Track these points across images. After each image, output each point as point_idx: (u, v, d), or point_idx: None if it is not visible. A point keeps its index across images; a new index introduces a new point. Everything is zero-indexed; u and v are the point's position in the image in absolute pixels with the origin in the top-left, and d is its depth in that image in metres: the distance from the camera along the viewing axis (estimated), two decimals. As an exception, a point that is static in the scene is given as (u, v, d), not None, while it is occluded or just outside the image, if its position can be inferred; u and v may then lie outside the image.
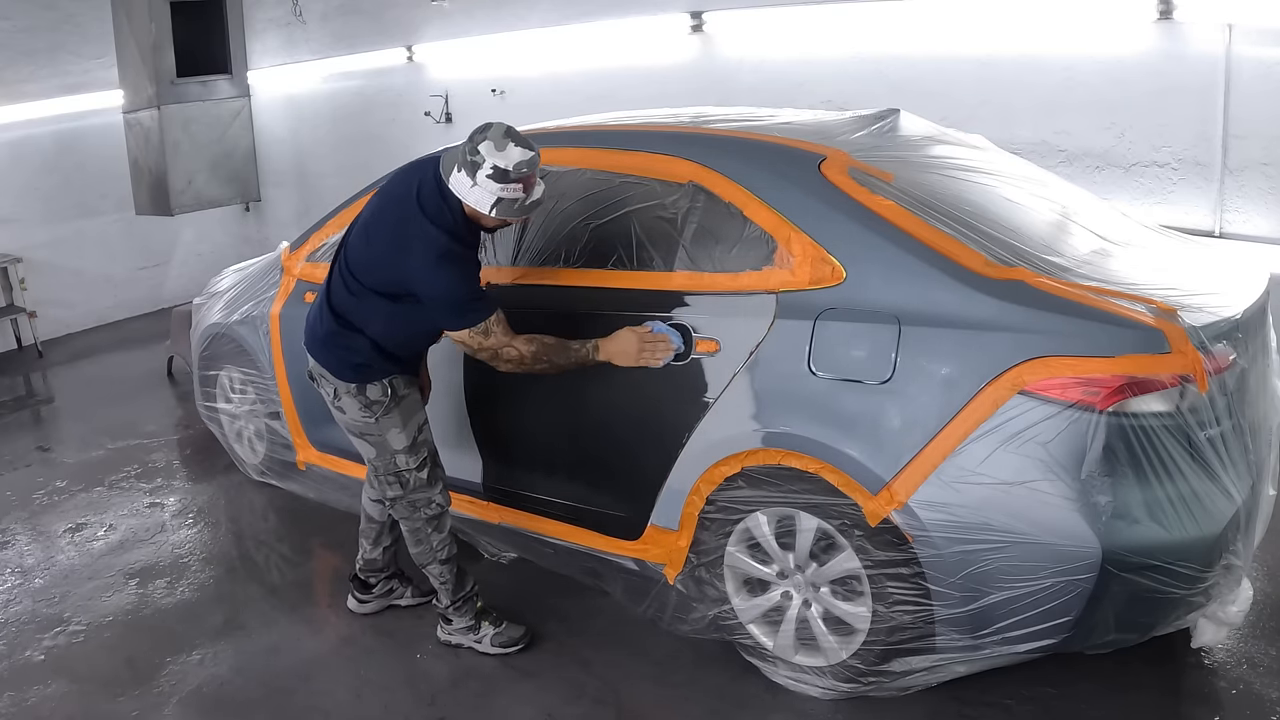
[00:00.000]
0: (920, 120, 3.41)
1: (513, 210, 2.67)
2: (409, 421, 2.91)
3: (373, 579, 3.37)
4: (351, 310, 2.83)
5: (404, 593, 3.39)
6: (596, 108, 4.49)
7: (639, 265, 3.00)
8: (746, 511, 2.79)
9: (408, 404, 2.91)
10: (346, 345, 2.84)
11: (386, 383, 2.86)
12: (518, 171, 2.61)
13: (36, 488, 4.67)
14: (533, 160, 2.64)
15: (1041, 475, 2.35)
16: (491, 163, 2.59)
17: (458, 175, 2.64)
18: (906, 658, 2.62)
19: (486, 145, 2.60)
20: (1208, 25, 3.88)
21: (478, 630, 3.10)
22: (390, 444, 2.90)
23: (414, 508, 2.99)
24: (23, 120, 6.99)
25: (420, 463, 2.94)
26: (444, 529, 3.04)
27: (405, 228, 2.68)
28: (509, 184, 2.61)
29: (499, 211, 2.65)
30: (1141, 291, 2.48)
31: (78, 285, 7.38)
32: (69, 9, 7.04)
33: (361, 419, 2.89)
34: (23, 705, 3.03)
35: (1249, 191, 3.95)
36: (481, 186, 2.61)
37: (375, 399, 2.85)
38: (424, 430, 2.97)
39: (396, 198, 2.76)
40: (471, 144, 2.63)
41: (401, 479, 2.94)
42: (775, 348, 2.69)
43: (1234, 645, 2.89)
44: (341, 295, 2.85)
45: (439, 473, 3.02)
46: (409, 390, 2.93)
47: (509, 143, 2.61)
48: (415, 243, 2.66)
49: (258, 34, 7.63)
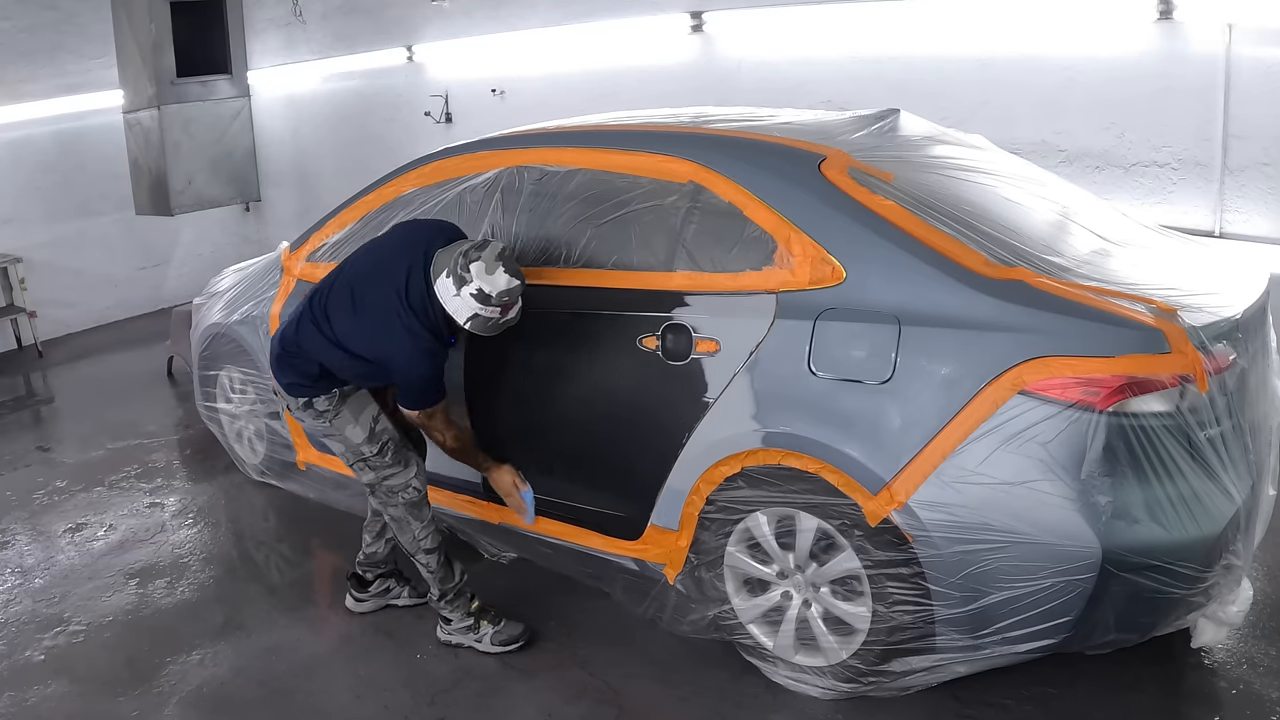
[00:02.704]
0: (920, 120, 3.41)
1: (485, 328, 2.86)
2: (360, 415, 3.05)
3: (370, 574, 3.39)
4: (316, 349, 3.00)
5: (400, 592, 3.41)
6: (597, 108, 4.49)
7: (639, 265, 3.00)
8: (746, 511, 2.79)
9: (354, 401, 3.06)
10: (299, 369, 3.04)
11: (334, 391, 3.04)
12: (499, 299, 2.79)
13: (36, 488, 4.67)
14: (516, 290, 2.81)
15: (1041, 475, 2.35)
16: (478, 284, 2.76)
17: (444, 281, 2.80)
18: (906, 658, 2.62)
19: (478, 266, 2.76)
20: (1208, 25, 3.88)
21: (477, 630, 3.13)
22: (351, 439, 3.06)
23: (391, 492, 3.08)
24: (23, 120, 6.99)
25: (381, 448, 3.06)
26: (423, 517, 3.11)
27: (392, 317, 2.88)
28: (489, 306, 2.79)
29: (473, 326, 2.84)
30: (1141, 291, 2.48)
31: (78, 285, 7.38)
32: (69, 9, 7.04)
33: (320, 427, 3.10)
34: (23, 705, 3.03)
35: (1249, 191, 3.95)
36: (463, 299, 2.79)
37: (323, 409, 3.05)
38: (380, 420, 3.08)
39: (384, 282, 2.91)
40: (465, 260, 2.78)
41: (369, 464, 3.07)
42: (775, 348, 2.69)
43: (1234, 645, 2.89)
44: (312, 336, 3.01)
45: (410, 456, 3.12)
46: (355, 389, 3.08)
47: (499, 267, 2.77)
48: (400, 333, 2.87)
49: (258, 34, 7.63)
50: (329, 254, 3.88)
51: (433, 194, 3.59)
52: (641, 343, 2.92)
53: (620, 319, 2.98)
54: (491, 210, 3.39)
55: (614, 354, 2.99)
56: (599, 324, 3.04)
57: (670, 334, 2.87)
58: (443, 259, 2.84)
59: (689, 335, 2.84)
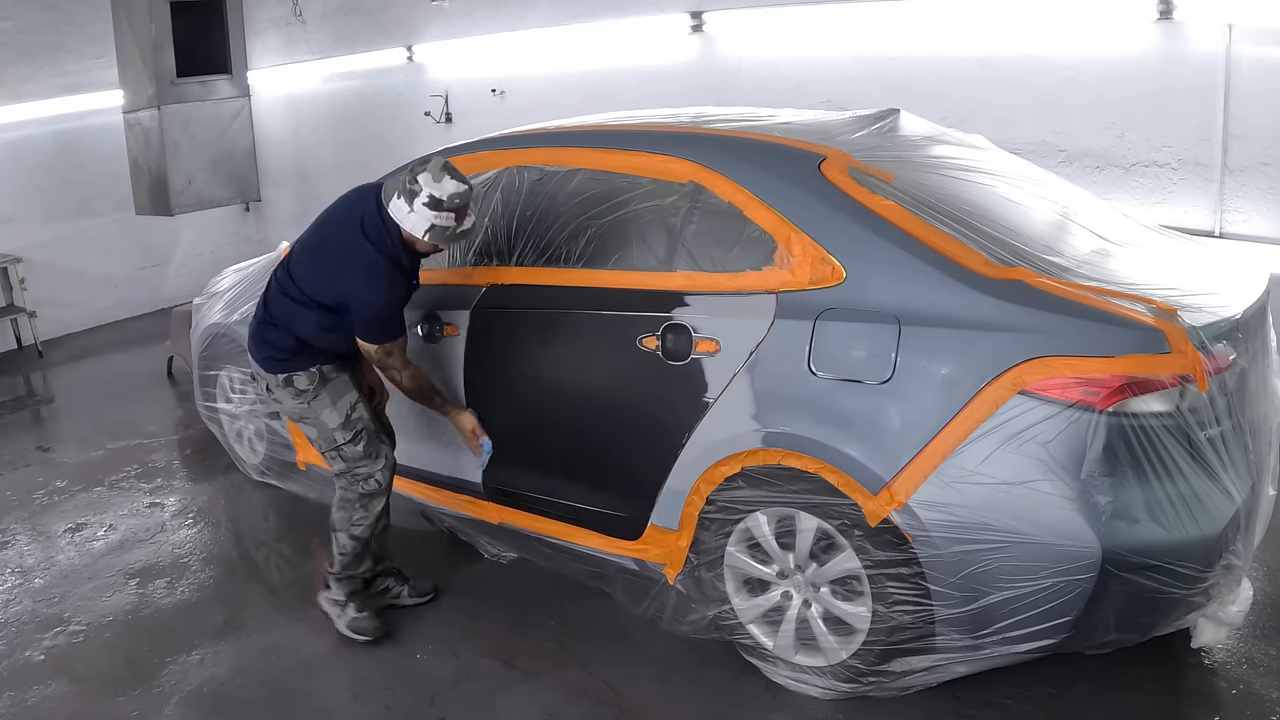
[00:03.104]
0: (920, 120, 3.41)
1: (444, 237, 2.93)
2: (339, 400, 3.12)
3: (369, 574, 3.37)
4: (285, 314, 3.09)
5: (400, 591, 3.42)
6: (597, 108, 4.49)
7: (639, 265, 3.00)
8: (746, 511, 2.79)
9: (335, 385, 3.12)
10: (273, 342, 3.11)
11: (315, 370, 3.10)
12: (450, 202, 2.87)
13: (36, 488, 4.67)
14: (466, 193, 2.91)
15: (1041, 475, 2.35)
16: (428, 192, 2.85)
17: (397, 201, 2.90)
18: (906, 658, 2.62)
19: (425, 176, 2.87)
20: (1208, 25, 3.88)
21: (344, 608, 3.25)
22: (326, 423, 3.12)
23: (355, 480, 3.17)
24: (23, 120, 6.99)
25: (354, 436, 3.13)
26: (372, 510, 3.19)
27: (350, 249, 2.97)
28: (442, 212, 2.87)
29: (431, 237, 2.91)
30: (1141, 291, 2.48)
31: (78, 285, 7.38)
32: (69, 9, 7.04)
33: (297, 406, 3.14)
34: (23, 705, 3.03)
35: (1249, 191, 3.95)
36: (417, 213, 2.87)
37: (303, 387, 3.10)
38: (357, 408, 3.15)
39: (341, 223, 3.05)
40: (411, 174, 2.89)
41: (341, 453, 3.14)
42: (775, 348, 2.69)
43: (1234, 645, 2.89)
44: (279, 302, 3.11)
45: (382, 449, 3.19)
46: (336, 374, 3.14)
47: (445, 175, 2.88)
48: (358, 261, 2.95)
49: (258, 34, 7.63)
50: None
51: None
52: (641, 343, 2.92)
53: (620, 319, 2.98)
54: (491, 210, 3.39)
55: (614, 354, 2.99)
56: (599, 324, 3.03)
57: (670, 334, 2.87)
58: (391, 185, 2.96)
59: (689, 335, 2.84)
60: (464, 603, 3.43)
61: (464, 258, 3.44)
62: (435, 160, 2.92)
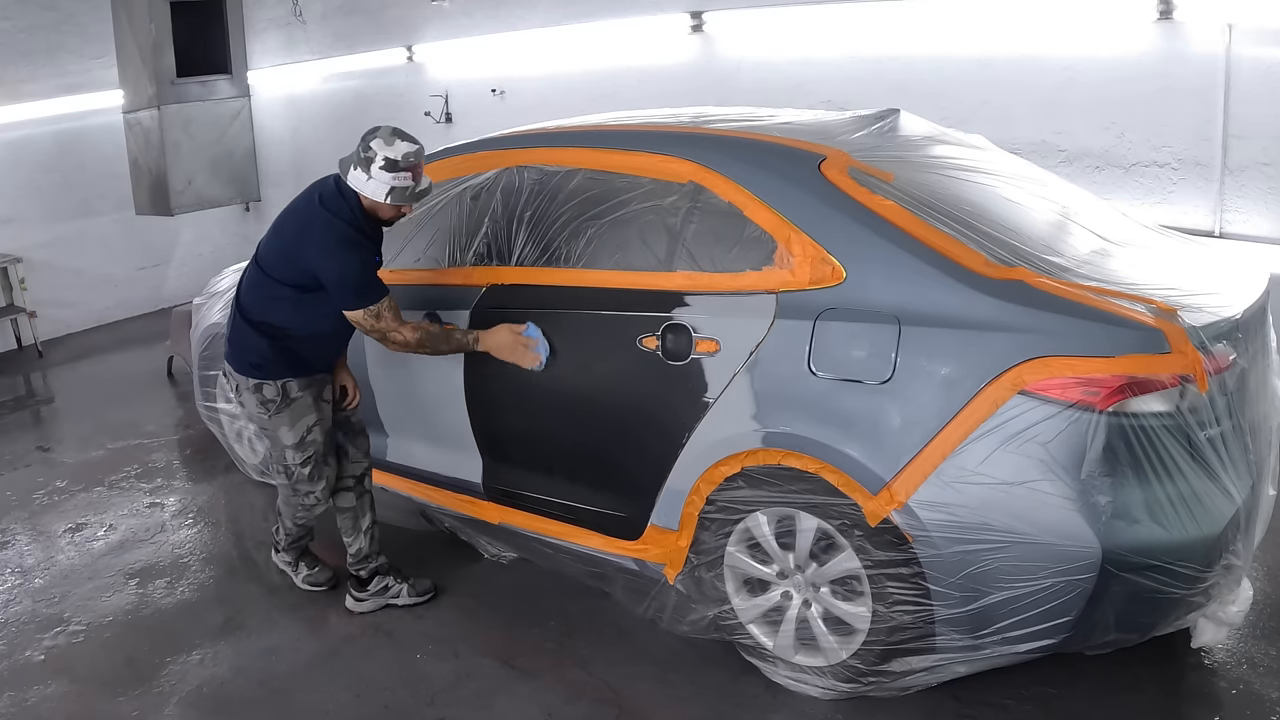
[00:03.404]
0: (920, 120, 3.41)
1: (405, 197, 3.00)
2: (298, 422, 3.19)
3: (364, 571, 3.42)
4: (259, 306, 3.14)
5: (399, 590, 3.42)
6: (597, 108, 4.49)
7: (639, 265, 3.00)
8: (746, 511, 2.79)
9: (298, 406, 3.18)
10: (248, 345, 3.16)
11: (279, 384, 3.15)
12: (406, 161, 2.95)
13: (36, 488, 4.67)
14: (419, 151, 2.99)
15: (1041, 475, 2.35)
16: (383, 156, 2.93)
17: (355, 173, 2.98)
18: (906, 658, 2.62)
19: (377, 142, 2.94)
20: (1208, 25, 3.88)
21: (296, 568, 3.55)
22: (281, 440, 3.21)
23: (294, 492, 3.32)
24: (23, 120, 6.99)
25: (305, 459, 3.23)
26: (312, 513, 3.40)
27: (310, 223, 3.04)
28: (399, 173, 2.95)
29: (393, 199, 2.98)
30: (1141, 291, 2.48)
31: (78, 285, 7.38)
32: (69, 9, 7.04)
33: (258, 414, 3.21)
34: (23, 705, 3.03)
35: (1249, 191, 3.95)
36: (376, 179, 2.95)
37: (269, 398, 3.16)
38: (313, 432, 3.22)
39: (299, 206, 3.14)
40: (364, 143, 2.96)
41: (288, 471, 3.27)
42: (775, 348, 2.69)
43: (1234, 645, 2.90)
44: (251, 296, 3.17)
45: (325, 472, 3.30)
46: (301, 394, 3.18)
47: (396, 139, 2.96)
48: (318, 231, 3.01)
49: (258, 34, 7.63)
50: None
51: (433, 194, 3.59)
52: (641, 343, 2.92)
53: (620, 319, 2.98)
54: (491, 210, 3.39)
55: (614, 354, 2.99)
56: (599, 324, 3.03)
57: (670, 334, 2.87)
58: (346, 160, 3.02)
59: (689, 335, 2.84)
60: (464, 603, 3.43)
61: (464, 258, 3.44)
62: (384, 127, 2.98)
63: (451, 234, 3.49)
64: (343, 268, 2.99)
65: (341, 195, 3.03)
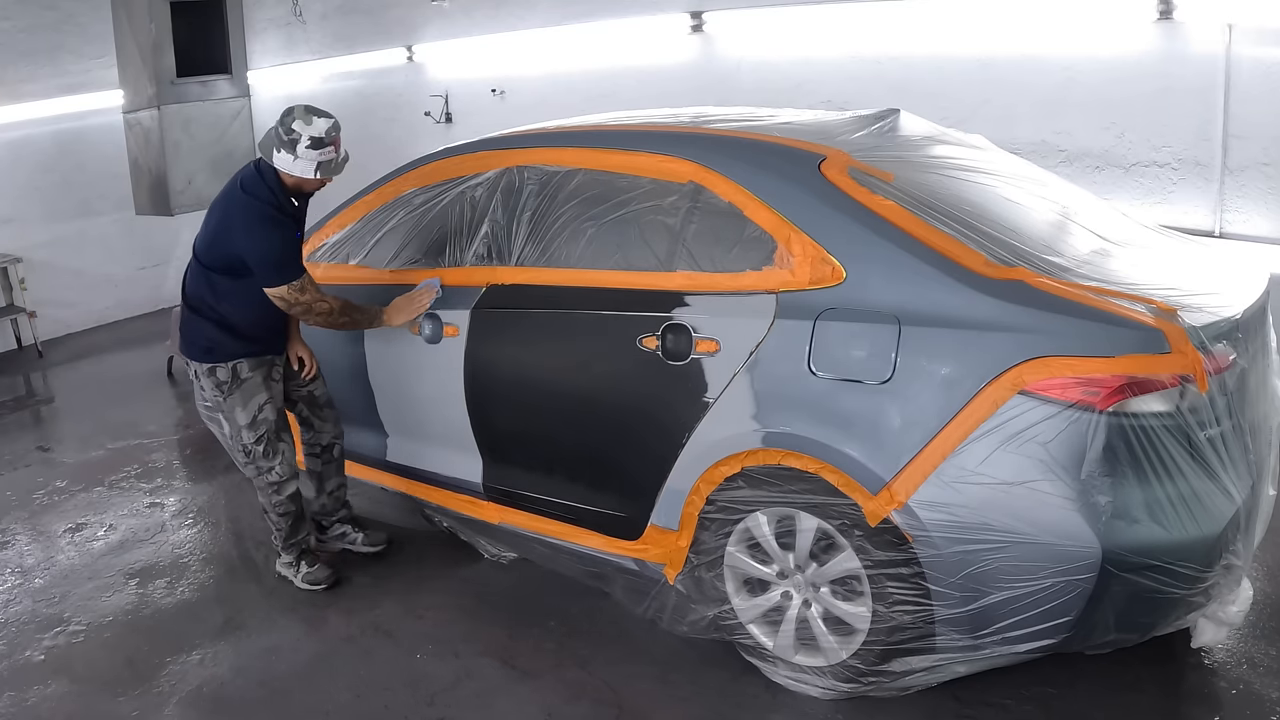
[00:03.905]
0: (920, 120, 3.41)
1: (331, 169, 3.19)
2: (249, 401, 3.37)
3: (325, 522, 3.76)
4: (200, 294, 3.33)
5: (356, 538, 3.73)
6: (597, 108, 4.49)
7: (639, 265, 3.00)
8: (746, 511, 2.79)
9: (249, 386, 3.37)
10: (198, 331, 3.35)
11: (231, 366, 3.34)
12: (329, 136, 3.12)
13: (36, 488, 4.67)
14: (336, 124, 3.15)
15: (1041, 475, 2.35)
16: (308, 135, 3.09)
17: (280, 155, 3.13)
18: (906, 658, 2.62)
19: (298, 124, 3.10)
20: (1208, 25, 3.88)
21: (297, 568, 3.57)
22: (236, 420, 3.39)
23: (258, 472, 3.46)
24: (23, 120, 6.99)
25: (259, 437, 3.39)
26: (283, 493, 3.48)
27: (231, 206, 3.23)
28: (324, 149, 3.12)
29: (322, 172, 3.16)
30: (1141, 291, 2.48)
31: (78, 285, 7.38)
32: (69, 9, 7.04)
33: (214, 397, 3.40)
34: (23, 705, 3.03)
35: (1249, 191, 3.95)
36: (303, 158, 3.11)
37: (222, 380, 3.35)
38: (264, 410, 3.40)
39: (224, 195, 3.30)
40: (285, 126, 3.11)
41: (245, 450, 3.42)
42: (775, 348, 2.69)
43: (1234, 645, 2.90)
44: (193, 284, 3.35)
45: (281, 447, 3.44)
46: (252, 374, 3.37)
47: (313, 117, 3.12)
48: (239, 213, 3.19)
49: (258, 34, 7.63)
50: (329, 254, 3.88)
51: (433, 194, 3.59)
52: (641, 343, 2.92)
53: (620, 319, 2.98)
54: (491, 210, 3.39)
55: (614, 354, 2.99)
56: (599, 324, 3.03)
57: (670, 334, 2.87)
58: (266, 145, 3.17)
59: (689, 335, 2.84)
60: (464, 603, 3.43)
61: (464, 258, 3.44)
62: (297, 108, 3.15)
63: (451, 234, 3.49)
64: (265, 246, 3.16)
65: (261, 177, 3.19)
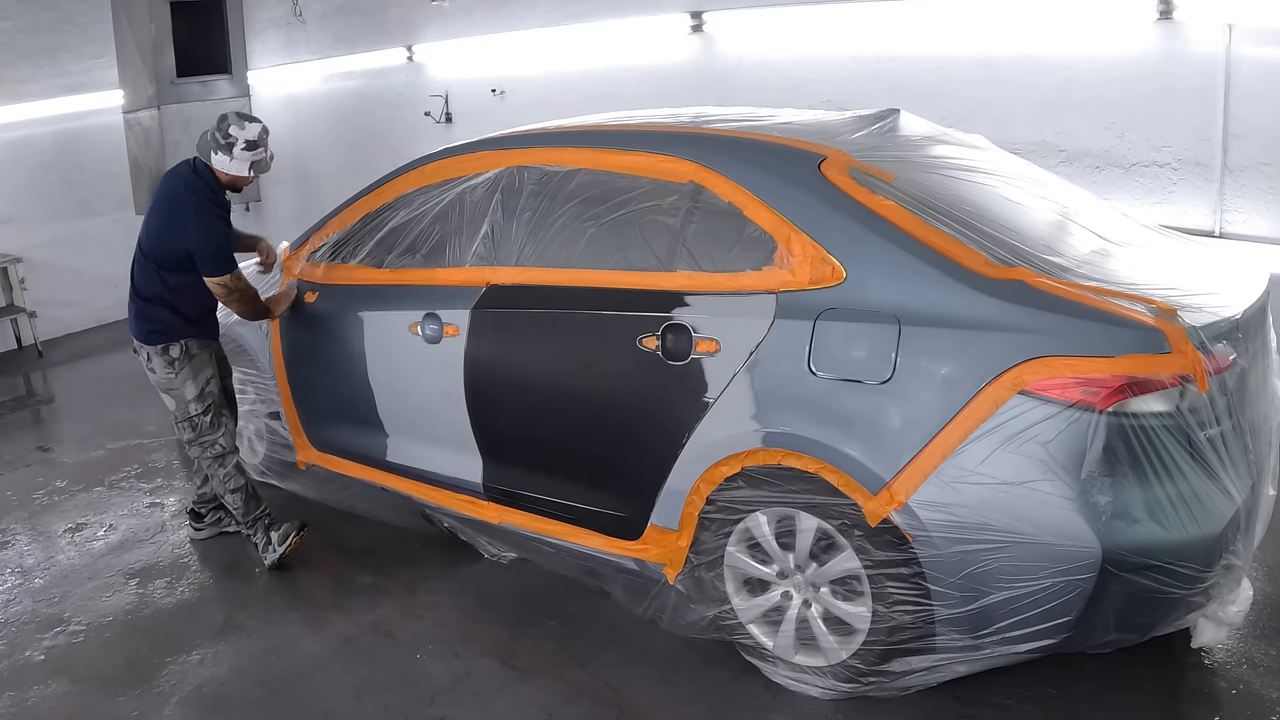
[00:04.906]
0: (920, 120, 3.41)
1: (262, 168, 3.59)
2: (198, 375, 3.67)
3: (203, 510, 4.02)
4: (149, 285, 3.58)
5: (229, 522, 3.98)
6: (596, 108, 4.49)
7: (639, 265, 3.00)
8: (746, 511, 2.79)
9: (198, 362, 3.67)
10: (150, 316, 3.61)
11: (182, 344, 3.63)
12: (261, 139, 3.54)
13: (36, 488, 4.67)
14: (265, 129, 3.57)
15: (1041, 475, 2.35)
16: (243, 138, 3.48)
17: (219, 158, 3.48)
18: (906, 658, 2.62)
19: (234, 129, 3.47)
20: (1208, 25, 3.88)
21: (269, 539, 3.73)
22: (185, 394, 3.67)
23: (203, 448, 3.72)
24: (23, 120, 6.99)
25: (206, 408, 3.69)
26: (227, 465, 3.73)
27: (173, 204, 3.51)
28: (256, 150, 3.53)
29: (255, 170, 3.56)
30: (1141, 291, 2.48)
31: (78, 285, 7.37)
32: (69, 9, 7.04)
33: (166, 376, 3.66)
34: (23, 705, 3.03)
35: (1249, 191, 3.95)
36: (239, 159, 3.49)
37: (175, 357, 3.63)
38: (210, 384, 3.71)
39: (162, 193, 3.57)
40: (222, 131, 3.47)
41: (193, 423, 3.69)
42: (775, 348, 2.69)
43: (1234, 645, 2.90)
44: (140, 277, 3.61)
45: (224, 420, 3.75)
46: (200, 351, 3.68)
47: (246, 122, 3.52)
48: (183, 211, 3.48)
49: (258, 34, 7.63)
50: (329, 254, 3.88)
51: (433, 194, 3.59)
52: (641, 343, 2.92)
53: (620, 319, 2.98)
54: (491, 210, 3.39)
55: (614, 354, 2.99)
56: (599, 324, 3.03)
57: (670, 334, 2.87)
58: (203, 147, 3.51)
59: (689, 335, 2.84)
60: (464, 603, 3.43)
61: (464, 258, 3.43)
62: (230, 114, 3.53)
63: (451, 234, 3.49)
64: (208, 237, 3.46)
65: (199, 177, 3.51)
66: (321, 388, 3.91)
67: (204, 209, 3.47)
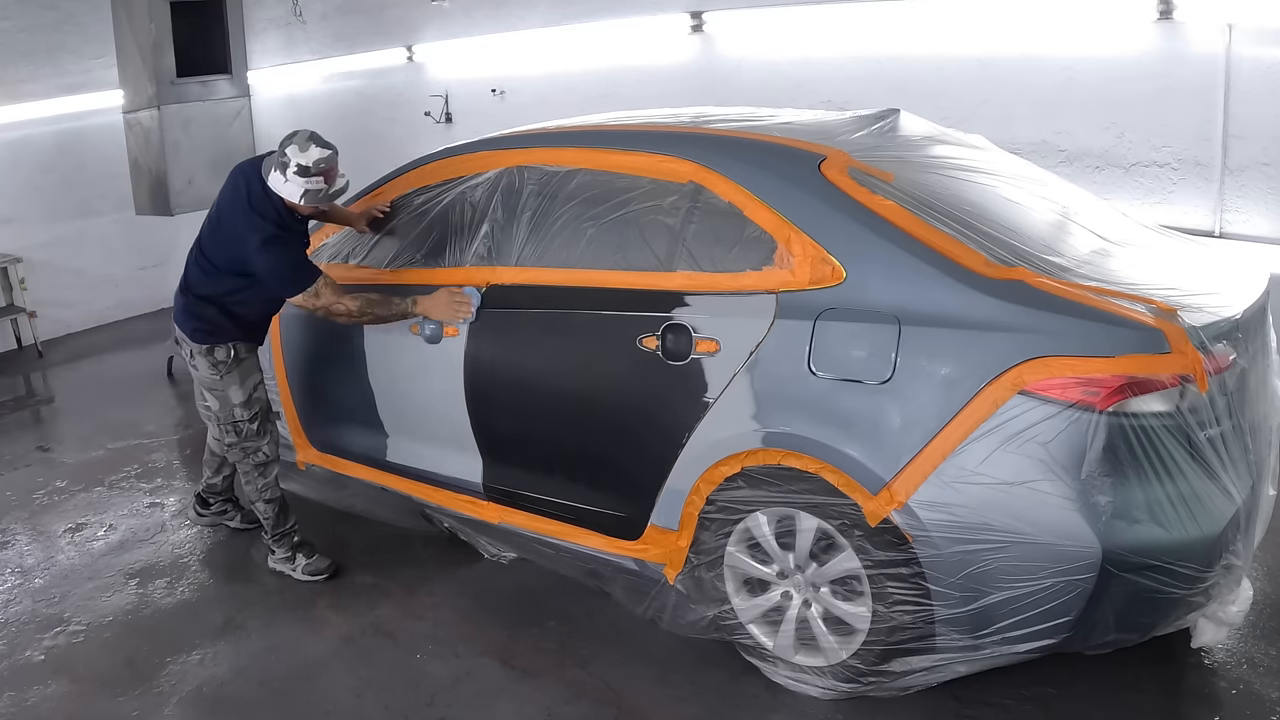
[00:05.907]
0: (920, 120, 3.41)
1: (318, 199, 3.26)
2: (246, 380, 3.52)
3: (211, 499, 4.01)
4: (206, 285, 3.43)
5: (235, 516, 4.00)
6: (596, 108, 4.49)
7: (639, 265, 3.00)
8: (746, 511, 2.79)
9: (246, 366, 3.52)
10: (199, 314, 3.45)
11: (230, 346, 3.47)
12: (317, 167, 3.19)
13: (36, 488, 4.67)
14: (331, 157, 3.23)
15: (1041, 475, 2.35)
16: (296, 162, 3.18)
17: (274, 176, 3.24)
18: (906, 658, 2.62)
19: (292, 149, 3.20)
20: (1208, 25, 3.88)
21: (294, 561, 3.63)
22: (230, 398, 3.51)
23: (245, 453, 3.58)
24: (23, 120, 6.98)
25: (253, 415, 3.54)
26: (269, 475, 3.61)
27: (240, 221, 3.29)
28: (311, 178, 3.19)
29: (307, 200, 3.24)
30: (1141, 291, 2.48)
31: (78, 285, 7.37)
32: (69, 9, 7.04)
33: (210, 376, 3.50)
34: (23, 705, 3.03)
35: (1249, 191, 3.95)
36: (291, 182, 3.20)
37: (220, 359, 3.47)
38: (259, 389, 3.57)
39: (231, 201, 3.37)
40: (281, 149, 3.22)
41: (237, 428, 3.54)
42: (775, 348, 2.69)
43: (1234, 645, 2.90)
44: (197, 275, 3.45)
45: (269, 427, 3.61)
46: (249, 355, 3.54)
47: (311, 145, 3.21)
48: (248, 233, 3.26)
49: (258, 34, 7.63)
50: (330, 254, 3.88)
51: (433, 194, 3.59)
52: (641, 343, 2.92)
53: (620, 319, 2.98)
54: (491, 210, 3.39)
55: (614, 354, 2.99)
56: (599, 324, 3.03)
57: (670, 334, 2.87)
58: (268, 161, 3.28)
59: (689, 335, 2.84)
60: (464, 603, 3.43)
61: (464, 258, 3.43)
62: (301, 132, 3.24)
63: (451, 234, 3.49)
64: (275, 265, 3.26)
65: (267, 196, 3.28)
66: (321, 388, 3.92)
67: (269, 235, 3.24)
